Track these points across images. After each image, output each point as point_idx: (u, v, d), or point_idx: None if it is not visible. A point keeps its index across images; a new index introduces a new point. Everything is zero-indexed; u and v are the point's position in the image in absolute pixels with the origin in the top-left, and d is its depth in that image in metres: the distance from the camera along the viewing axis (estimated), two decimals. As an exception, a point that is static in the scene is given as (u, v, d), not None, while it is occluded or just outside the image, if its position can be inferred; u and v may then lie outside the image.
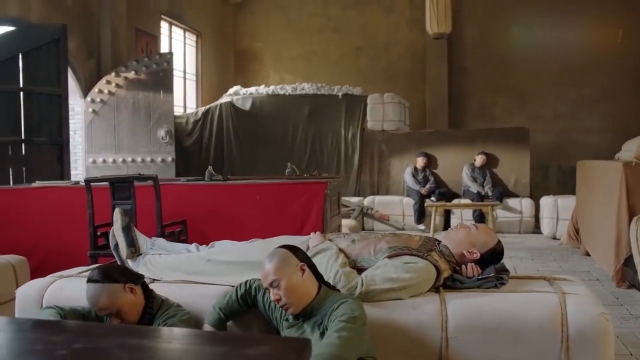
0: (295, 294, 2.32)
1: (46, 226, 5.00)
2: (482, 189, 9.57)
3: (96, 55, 8.73)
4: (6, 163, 6.56)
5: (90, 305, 2.49)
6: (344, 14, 13.12)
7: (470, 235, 2.80)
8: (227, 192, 4.86)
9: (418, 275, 2.57)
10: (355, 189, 10.68)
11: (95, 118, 8.44)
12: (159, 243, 3.25)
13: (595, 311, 2.40)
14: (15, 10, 7.15)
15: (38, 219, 5.05)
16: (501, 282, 2.65)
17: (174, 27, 11.41)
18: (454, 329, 2.46)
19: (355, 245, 2.82)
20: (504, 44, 12.22)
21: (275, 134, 10.95)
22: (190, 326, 2.55)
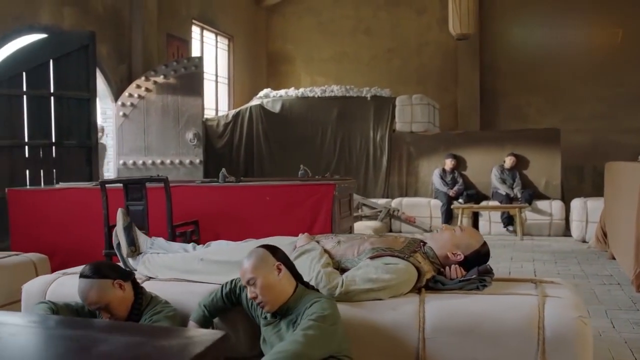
0: (271, 292, 2.39)
1: (67, 226, 5.20)
2: (512, 190, 9.43)
3: (127, 60, 8.99)
4: (38, 165, 6.82)
5: (81, 299, 2.60)
6: (375, 15, 13.13)
7: (454, 237, 2.80)
8: (239, 193, 4.95)
9: (398, 276, 2.59)
10: (383, 190, 10.69)
11: (125, 121, 8.70)
12: (157, 242, 3.36)
13: (572, 314, 2.38)
14: (48, 19, 7.43)
15: (60, 219, 5.26)
16: (483, 284, 2.64)
17: (206, 32, 11.64)
18: (430, 330, 2.48)
19: (340, 246, 2.86)
20: (536, 43, 11.99)
21: (305, 136, 11.04)
22: (176, 322, 2.64)
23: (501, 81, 12.47)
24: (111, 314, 2.57)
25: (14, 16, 6.96)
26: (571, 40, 11.81)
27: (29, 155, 6.76)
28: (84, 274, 2.60)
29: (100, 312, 2.59)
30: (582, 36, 11.72)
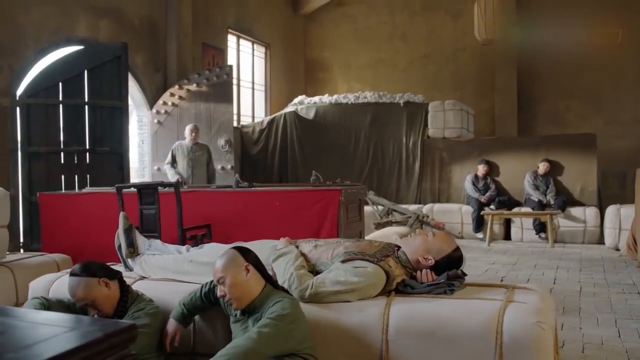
0: (238, 290, 2.51)
1: (91, 228, 5.45)
2: (544, 197, 9.28)
3: (162, 69, 9.32)
4: (72, 170, 7.18)
5: (70, 296, 2.79)
6: (411, 21, 13.14)
7: (426, 242, 2.86)
8: (251, 198, 5.10)
9: (365, 279, 2.67)
10: (416, 196, 10.69)
11: (160, 128, 9.01)
12: (155, 244, 3.54)
13: (530, 320, 2.40)
14: (85, 32, 7.80)
15: (85, 222, 5.52)
16: (451, 289, 2.69)
17: (242, 40, 11.91)
18: (393, 332, 2.55)
19: (316, 250, 2.96)
20: (576, 46, 11.73)
21: (338, 143, 11.16)
22: (157, 318, 2.79)
23: (539, 86, 12.27)
24: (97, 309, 2.75)
25: (52, 30, 7.35)
26: (613, 43, 11.52)
27: (64, 161, 7.12)
28: (73, 272, 2.79)
29: (88, 308, 2.77)
30: (624, 38, 11.41)
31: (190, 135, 8.10)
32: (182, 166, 8.09)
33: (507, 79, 12.23)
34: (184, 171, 8.06)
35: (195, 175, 8.07)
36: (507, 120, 12.19)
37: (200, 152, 8.17)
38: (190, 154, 8.11)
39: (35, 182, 6.87)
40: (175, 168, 8.10)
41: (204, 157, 8.20)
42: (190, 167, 8.07)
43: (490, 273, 6.56)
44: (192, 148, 8.12)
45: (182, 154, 8.11)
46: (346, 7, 13.63)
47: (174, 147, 8.20)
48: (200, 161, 8.15)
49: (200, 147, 8.22)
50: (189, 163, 8.06)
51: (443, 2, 12.80)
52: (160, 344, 2.80)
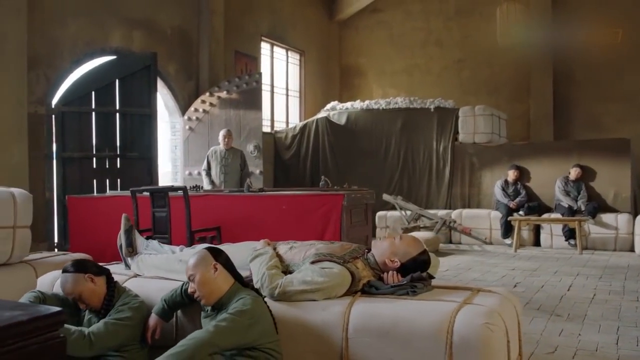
0: (206, 288, 2.69)
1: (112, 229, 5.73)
2: (575, 203, 9.14)
3: (195, 77, 9.65)
4: (104, 175, 7.55)
5: (61, 290, 3.03)
6: (446, 26, 13.12)
7: (392, 245, 2.96)
8: (260, 202, 5.29)
9: (330, 280, 2.80)
10: (446, 201, 10.68)
11: (191, 134, 9.33)
12: (152, 245, 3.75)
13: (480, 321, 2.48)
14: (118, 42, 8.19)
15: (108, 223, 5.82)
16: (413, 290, 2.79)
17: (276, 47, 12.17)
18: (353, 330, 2.66)
19: (291, 251, 3.11)
20: (614, 48, 11.47)
21: (369, 148, 11.27)
22: (140, 312, 2.99)
23: (576, 89, 12.05)
24: (85, 303, 2.97)
25: (87, 41, 7.75)
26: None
27: (96, 166, 7.50)
28: (64, 269, 3.03)
29: (77, 302, 3.00)
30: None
31: (223, 140, 8.05)
32: (215, 172, 8.09)
33: (542, 83, 12.07)
34: (217, 177, 8.06)
35: (227, 181, 8.02)
36: (542, 125, 12.02)
37: (232, 158, 8.11)
38: (223, 159, 8.08)
39: (69, 186, 7.26)
40: (210, 175, 8.11)
41: (237, 162, 8.13)
42: (223, 173, 8.04)
43: (506, 279, 6.54)
44: (225, 154, 8.08)
45: (216, 160, 8.10)
46: (381, 13, 13.73)
47: (208, 153, 8.20)
48: (233, 166, 8.10)
49: (233, 152, 8.16)
50: (222, 169, 8.06)
51: (477, 7, 12.73)
52: (144, 337, 3.00)
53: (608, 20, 11.61)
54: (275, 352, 2.63)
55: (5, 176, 6.42)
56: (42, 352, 1.60)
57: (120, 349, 2.88)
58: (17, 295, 4.50)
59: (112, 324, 2.83)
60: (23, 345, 1.55)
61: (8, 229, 4.66)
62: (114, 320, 2.84)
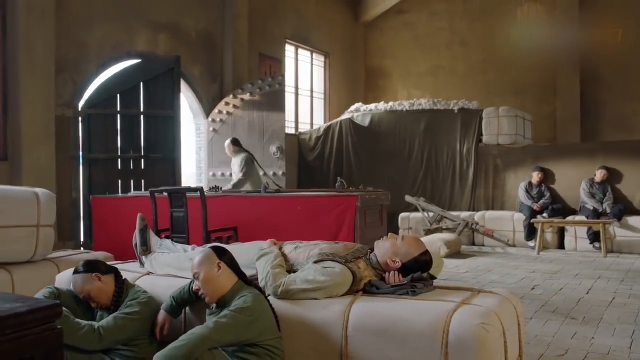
0: (210, 286, 2.77)
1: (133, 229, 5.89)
2: (600, 205, 9.01)
3: (219, 80, 9.80)
4: (129, 176, 7.74)
5: (73, 290, 3.16)
6: (470, 27, 13.05)
7: (394, 246, 3.01)
8: (276, 203, 5.37)
9: (332, 279, 2.85)
10: (469, 203, 10.62)
11: (215, 136, 9.48)
12: (165, 244, 3.86)
13: (475, 321, 2.50)
14: (144, 46, 8.38)
15: (129, 223, 5.97)
16: (413, 290, 2.83)
17: (301, 50, 12.27)
18: (352, 328, 2.72)
19: (296, 251, 3.17)
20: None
21: (393, 149, 11.27)
22: (148, 307, 3.08)
23: (604, 89, 11.87)
24: (95, 301, 3.09)
25: (113, 45, 7.95)
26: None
27: (121, 167, 7.69)
28: (75, 269, 3.17)
29: (89, 300, 3.12)
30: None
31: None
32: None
33: (569, 83, 11.93)
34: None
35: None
36: (570, 126, 11.88)
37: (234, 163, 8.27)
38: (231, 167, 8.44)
39: (95, 187, 7.46)
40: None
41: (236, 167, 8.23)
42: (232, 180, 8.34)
43: (525, 281, 6.50)
44: (232, 161, 8.32)
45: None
46: (406, 14, 13.72)
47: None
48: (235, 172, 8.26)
49: (235, 159, 8.27)
50: (232, 175, 8.37)
51: (503, 7, 12.61)
52: (153, 332, 3.10)
53: (637, 18, 11.40)
54: (276, 349, 2.70)
55: (33, 177, 6.63)
56: (39, 343, 1.69)
57: (129, 343, 2.98)
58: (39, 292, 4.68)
59: (121, 319, 2.93)
60: (21, 335, 1.65)
61: (32, 228, 4.83)
62: (123, 315, 2.94)
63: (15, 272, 4.69)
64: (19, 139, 6.67)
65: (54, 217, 5.19)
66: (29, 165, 6.70)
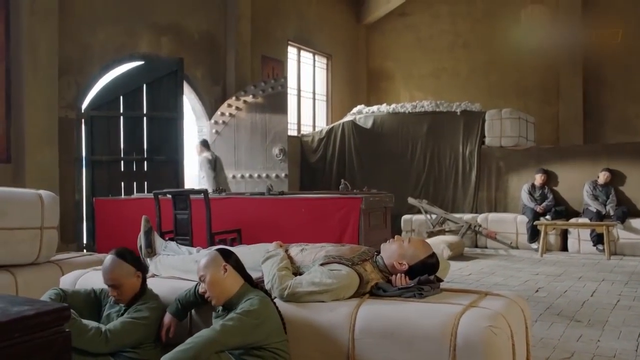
0: (216, 288, 2.76)
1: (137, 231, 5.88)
2: (604, 207, 8.99)
3: (221, 82, 9.80)
4: (131, 177, 7.73)
5: (103, 271, 3.04)
6: (473, 29, 13.04)
7: (401, 248, 2.99)
8: (280, 205, 5.36)
9: (338, 282, 2.84)
10: (472, 205, 10.61)
11: (218, 138, 9.47)
12: (170, 246, 3.85)
13: (483, 324, 2.49)
14: (147, 48, 8.37)
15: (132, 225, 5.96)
16: (420, 293, 2.82)
17: (303, 52, 12.26)
18: (359, 331, 2.70)
19: (302, 253, 3.16)
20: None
21: (395, 151, 11.26)
22: (157, 313, 3.06)
23: (607, 91, 11.85)
24: (118, 293, 3.03)
25: (116, 47, 7.95)
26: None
27: (124, 169, 7.68)
28: (119, 252, 3.08)
29: (111, 287, 3.04)
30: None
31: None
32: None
33: (572, 85, 11.91)
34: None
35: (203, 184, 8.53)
36: (572, 128, 11.87)
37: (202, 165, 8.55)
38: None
39: (98, 189, 7.45)
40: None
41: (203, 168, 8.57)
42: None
43: (529, 284, 6.48)
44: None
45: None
46: (408, 16, 13.72)
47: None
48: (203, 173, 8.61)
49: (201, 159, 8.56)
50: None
51: (505, 9, 12.62)
52: (158, 335, 3.08)
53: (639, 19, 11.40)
54: (282, 352, 2.69)
55: (36, 179, 6.63)
56: (47, 346, 1.68)
57: (135, 346, 2.97)
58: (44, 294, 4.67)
59: (128, 323, 2.91)
60: (29, 339, 1.64)
61: (36, 230, 4.82)
62: (131, 319, 2.92)
63: (18, 274, 4.68)
64: (22, 140, 6.67)
65: (57, 219, 5.18)
66: (32, 167, 6.70)
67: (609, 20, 11.61)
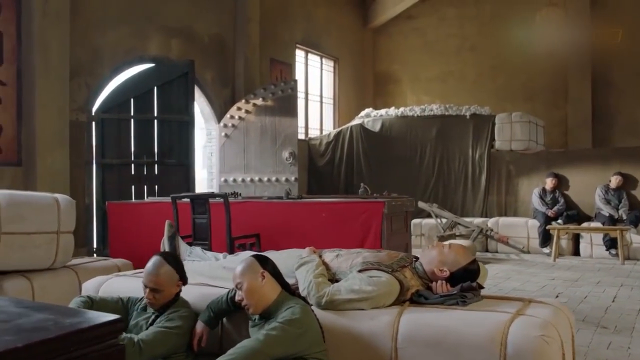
0: (254, 296, 2.67)
1: (152, 235, 5.77)
2: (616, 212, 8.92)
3: (230, 84, 9.72)
4: (142, 181, 7.64)
5: (148, 271, 2.95)
6: (480, 32, 12.99)
7: (441, 254, 2.91)
8: (299, 209, 5.28)
9: (379, 289, 2.76)
10: (482, 209, 10.53)
11: (227, 141, 9.38)
12: (195, 251, 3.77)
13: (535, 333, 2.41)
14: (157, 50, 8.29)
15: (148, 229, 5.87)
16: (463, 300, 2.73)
17: (311, 55, 12.20)
18: (402, 340, 2.62)
19: (337, 259, 3.08)
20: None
21: (404, 155, 11.18)
22: (189, 322, 2.97)
23: (616, 95, 11.79)
24: (156, 298, 2.93)
25: (126, 49, 7.86)
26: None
27: (134, 173, 7.59)
28: (168, 257, 3.02)
29: (148, 290, 2.93)
30: None
31: None
32: None
33: (580, 89, 11.86)
34: None
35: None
36: (581, 132, 11.81)
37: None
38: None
39: (108, 192, 7.36)
40: None
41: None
42: None
43: (547, 289, 6.40)
44: None
45: None
46: (415, 19, 13.66)
47: None
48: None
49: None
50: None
51: (513, 12, 12.57)
52: (190, 344, 2.99)
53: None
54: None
55: (47, 182, 6.54)
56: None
57: (167, 356, 2.88)
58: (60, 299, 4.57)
59: (161, 332, 2.82)
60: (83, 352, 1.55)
61: (52, 234, 4.74)
62: (163, 329, 2.83)
63: (35, 280, 4.60)
64: (33, 143, 6.57)
65: (73, 223, 5.10)
66: (43, 171, 6.61)
67: (618, 23, 11.56)
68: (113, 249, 6.15)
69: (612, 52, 11.63)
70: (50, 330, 1.52)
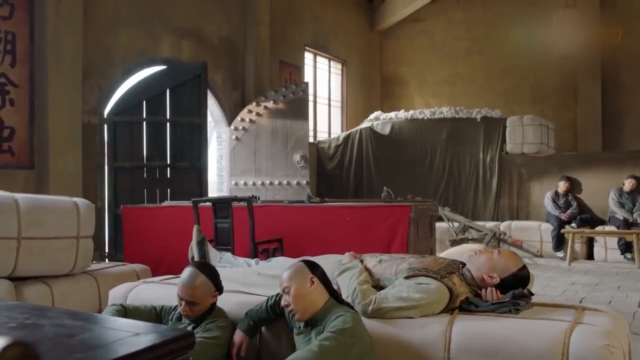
0: (302, 301, 2.56)
1: (170, 240, 5.68)
2: (630, 215, 8.85)
3: (241, 87, 9.62)
4: (154, 184, 7.52)
5: (182, 284, 2.82)
6: (488, 35, 12.92)
7: (490, 260, 2.82)
8: (322, 213, 5.17)
9: (428, 296, 2.66)
10: (493, 213, 10.44)
11: (237, 144, 9.28)
12: (225, 257, 3.67)
13: (599, 342, 2.32)
14: (168, 52, 8.19)
15: (165, 234, 5.77)
16: (516, 308, 2.64)
17: (319, 57, 12.11)
18: (455, 350, 2.52)
19: (381, 265, 2.98)
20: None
21: (414, 158, 11.09)
22: (226, 331, 2.87)
23: (626, 97, 11.73)
24: (192, 311, 2.83)
25: (138, 51, 7.76)
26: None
27: (146, 176, 7.48)
28: (206, 270, 2.89)
29: (184, 303, 2.81)
30: None
31: None
32: None
33: (590, 91, 11.79)
34: None
35: None
36: (591, 135, 11.74)
37: None
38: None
39: (120, 196, 7.24)
40: None
41: None
42: None
43: (568, 294, 6.31)
44: None
45: None
46: (423, 22, 13.59)
47: None
48: None
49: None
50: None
51: (521, 14, 12.50)
52: (228, 354, 2.89)
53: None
54: (372, 373, 2.50)
55: (59, 185, 6.43)
56: (173, 376, 1.49)
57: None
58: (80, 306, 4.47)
59: (200, 344, 2.71)
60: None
61: (72, 239, 4.63)
62: (202, 339, 2.72)
63: (54, 286, 4.48)
64: (45, 146, 6.46)
65: (93, 227, 4.98)
66: (56, 174, 6.49)
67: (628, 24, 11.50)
68: (128, 253, 6.03)
69: (621, 53, 11.58)
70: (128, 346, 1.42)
